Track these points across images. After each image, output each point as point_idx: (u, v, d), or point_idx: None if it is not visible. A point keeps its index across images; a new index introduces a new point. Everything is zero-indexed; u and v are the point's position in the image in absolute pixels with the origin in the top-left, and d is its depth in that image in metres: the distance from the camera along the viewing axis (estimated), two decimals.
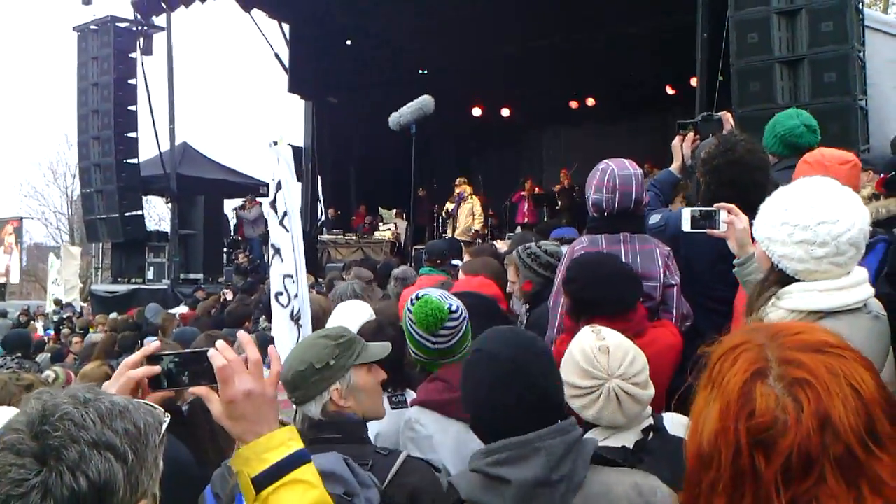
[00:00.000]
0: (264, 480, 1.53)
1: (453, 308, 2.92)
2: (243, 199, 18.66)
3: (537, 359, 1.91)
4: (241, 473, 1.56)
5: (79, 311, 17.71)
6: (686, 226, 3.00)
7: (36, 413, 1.29)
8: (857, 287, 2.23)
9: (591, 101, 18.55)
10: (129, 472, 1.29)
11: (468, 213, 14.70)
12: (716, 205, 2.93)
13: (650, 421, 2.41)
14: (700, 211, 2.97)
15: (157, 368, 1.63)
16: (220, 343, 1.63)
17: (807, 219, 2.19)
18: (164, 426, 1.41)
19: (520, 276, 4.19)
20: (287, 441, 1.58)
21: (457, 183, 15.12)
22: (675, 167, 4.19)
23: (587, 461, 1.78)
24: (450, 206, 15.18)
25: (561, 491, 1.72)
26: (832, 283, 2.21)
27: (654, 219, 3.78)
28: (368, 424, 3.07)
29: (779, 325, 1.26)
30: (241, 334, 1.72)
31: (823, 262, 2.19)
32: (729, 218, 2.85)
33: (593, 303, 3.00)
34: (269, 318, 6.31)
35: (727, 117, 4.22)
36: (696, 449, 1.17)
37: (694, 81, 10.36)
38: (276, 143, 4.64)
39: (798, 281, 2.25)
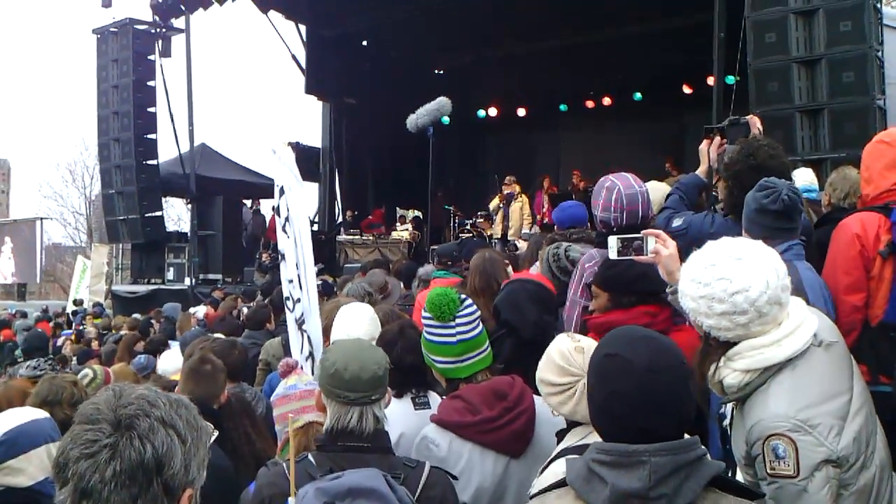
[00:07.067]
0: None
1: (463, 298, 2.91)
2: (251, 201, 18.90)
3: (675, 371, 1.80)
4: None
5: (105, 312, 17.77)
6: (613, 254, 2.98)
7: (112, 394, 1.47)
8: (803, 326, 2.20)
9: (607, 101, 18.44)
10: (185, 453, 1.46)
11: (518, 214, 14.39)
12: (642, 231, 2.93)
13: None
14: (626, 239, 2.94)
15: None
16: None
17: (719, 291, 2.14)
18: (212, 439, 1.59)
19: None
20: None
21: (506, 182, 14.63)
22: (701, 171, 4.22)
23: (700, 484, 1.70)
24: (496, 202, 14.75)
25: None
26: (778, 334, 2.17)
27: (677, 222, 3.83)
28: (392, 426, 3.16)
29: None
30: None
31: (751, 326, 2.15)
32: (655, 247, 2.80)
33: (635, 279, 3.13)
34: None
35: (755, 121, 4.20)
36: None
37: (711, 80, 10.36)
38: (274, 152, 4.68)
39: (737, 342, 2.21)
